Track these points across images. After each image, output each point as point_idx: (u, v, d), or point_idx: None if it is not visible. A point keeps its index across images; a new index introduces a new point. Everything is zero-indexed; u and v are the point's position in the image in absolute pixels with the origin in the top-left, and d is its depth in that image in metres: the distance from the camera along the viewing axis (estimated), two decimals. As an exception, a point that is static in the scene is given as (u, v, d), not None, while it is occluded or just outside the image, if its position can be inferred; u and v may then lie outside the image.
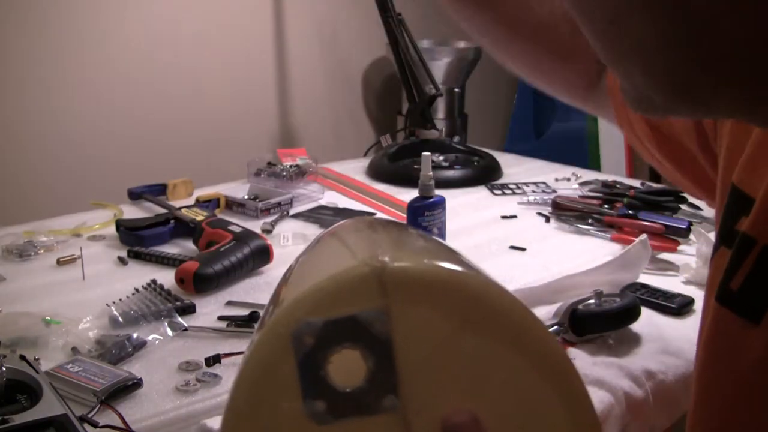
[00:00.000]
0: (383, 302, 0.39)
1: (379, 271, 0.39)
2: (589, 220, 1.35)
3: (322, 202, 1.51)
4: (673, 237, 1.26)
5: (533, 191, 1.56)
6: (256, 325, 0.44)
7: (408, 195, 1.27)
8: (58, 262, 1.19)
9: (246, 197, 1.49)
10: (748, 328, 0.46)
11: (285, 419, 0.39)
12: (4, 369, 0.75)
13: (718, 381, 0.48)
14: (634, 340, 0.97)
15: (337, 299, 0.39)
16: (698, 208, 1.46)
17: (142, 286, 1.08)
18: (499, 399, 0.40)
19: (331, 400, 0.39)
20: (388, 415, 0.39)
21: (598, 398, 0.85)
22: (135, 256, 1.22)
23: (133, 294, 1.06)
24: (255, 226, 1.30)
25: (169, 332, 0.97)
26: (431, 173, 1.14)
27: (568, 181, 1.65)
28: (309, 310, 0.39)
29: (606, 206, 1.37)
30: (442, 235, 1.18)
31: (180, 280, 1.09)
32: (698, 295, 1.08)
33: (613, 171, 2.16)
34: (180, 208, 1.34)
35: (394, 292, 0.39)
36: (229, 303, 1.07)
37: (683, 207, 1.40)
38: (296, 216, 1.43)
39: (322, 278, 0.40)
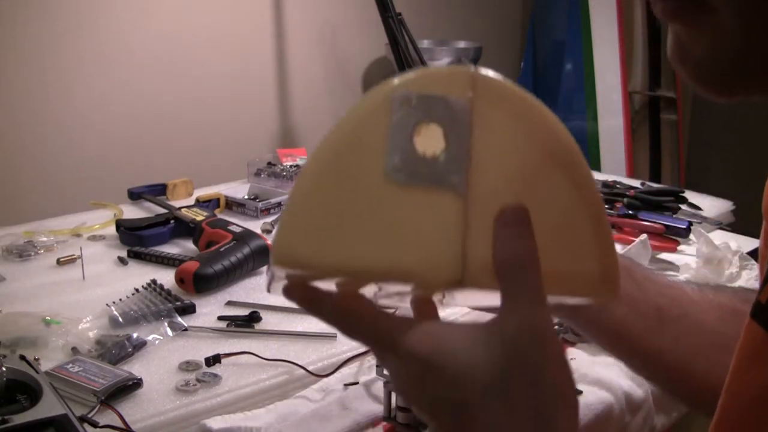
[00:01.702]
0: (471, 96, 0.45)
1: (473, 72, 0.46)
2: (589, 220, 1.35)
3: (322, 202, 1.51)
4: (673, 237, 1.26)
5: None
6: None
7: (408, 195, 1.27)
8: (58, 262, 1.19)
9: (246, 197, 1.49)
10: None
11: (367, 171, 0.45)
12: (4, 369, 0.75)
13: (738, 395, 0.48)
14: (634, 340, 0.97)
15: (434, 81, 0.45)
16: (698, 208, 1.46)
17: (142, 286, 1.08)
18: (544, 209, 0.46)
19: (410, 163, 0.45)
20: (454, 194, 0.45)
21: (599, 398, 0.85)
22: (135, 256, 1.22)
23: (133, 294, 1.06)
24: (255, 226, 1.30)
25: (169, 332, 0.97)
26: (431, 173, 1.14)
27: (568, 181, 1.64)
28: (409, 85, 0.45)
29: (606, 206, 1.37)
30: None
31: (180, 280, 1.09)
32: (698, 295, 1.08)
33: (613, 171, 2.17)
34: (180, 208, 1.34)
35: (481, 90, 0.45)
36: (229, 303, 1.07)
37: (683, 207, 1.40)
38: (296, 216, 1.43)
39: (423, 68, 0.47)
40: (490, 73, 0.46)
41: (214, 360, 0.90)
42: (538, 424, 0.43)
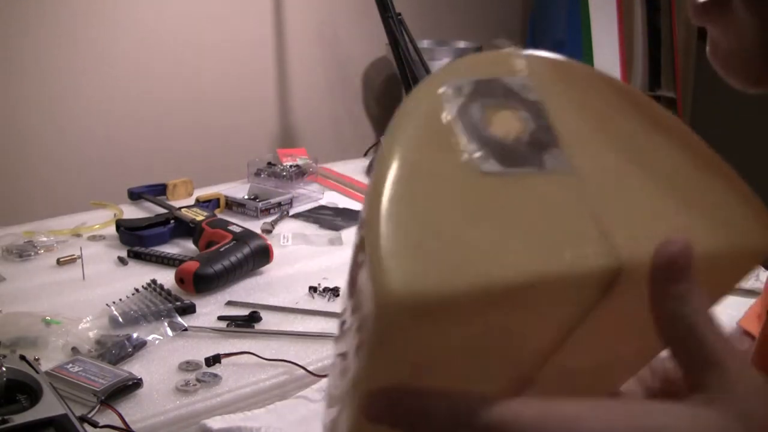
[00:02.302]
0: (526, 74, 0.41)
1: (518, 53, 0.42)
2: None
3: (322, 202, 1.51)
4: (673, 237, 1.26)
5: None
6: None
7: (408, 195, 1.27)
8: (58, 262, 1.19)
9: (246, 197, 1.49)
10: None
11: (452, 169, 0.37)
12: (4, 369, 0.75)
13: None
14: (634, 340, 0.97)
15: (483, 64, 0.41)
16: (698, 208, 1.46)
17: (142, 286, 1.08)
18: (661, 179, 0.41)
19: (494, 150, 0.38)
20: (559, 175, 0.38)
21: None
22: (135, 256, 1.22)
23: (133, 294, 1.06)
24: (255, 226, 1.30)
25: (169, 332, 0.97)
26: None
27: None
28: (455, 73, 0.40)
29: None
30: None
31: (180, 280, 1.09)
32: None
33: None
34: (180, 208, 1.34)
35: (536, 68, 0.41)
36: (229, 303, 1.07)
37: (683, 207, 1.40)
38: (296, 216, 1.43)
39: (466, 56, 0.42)
40: (537, 52, 0.43)
41: (214, 360, 0.90)
42: None
